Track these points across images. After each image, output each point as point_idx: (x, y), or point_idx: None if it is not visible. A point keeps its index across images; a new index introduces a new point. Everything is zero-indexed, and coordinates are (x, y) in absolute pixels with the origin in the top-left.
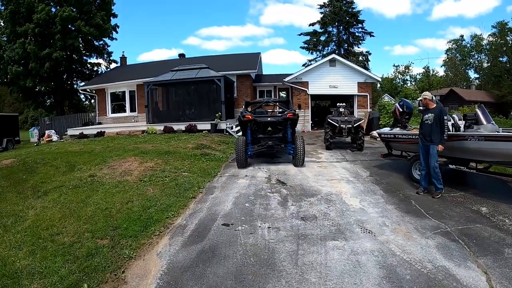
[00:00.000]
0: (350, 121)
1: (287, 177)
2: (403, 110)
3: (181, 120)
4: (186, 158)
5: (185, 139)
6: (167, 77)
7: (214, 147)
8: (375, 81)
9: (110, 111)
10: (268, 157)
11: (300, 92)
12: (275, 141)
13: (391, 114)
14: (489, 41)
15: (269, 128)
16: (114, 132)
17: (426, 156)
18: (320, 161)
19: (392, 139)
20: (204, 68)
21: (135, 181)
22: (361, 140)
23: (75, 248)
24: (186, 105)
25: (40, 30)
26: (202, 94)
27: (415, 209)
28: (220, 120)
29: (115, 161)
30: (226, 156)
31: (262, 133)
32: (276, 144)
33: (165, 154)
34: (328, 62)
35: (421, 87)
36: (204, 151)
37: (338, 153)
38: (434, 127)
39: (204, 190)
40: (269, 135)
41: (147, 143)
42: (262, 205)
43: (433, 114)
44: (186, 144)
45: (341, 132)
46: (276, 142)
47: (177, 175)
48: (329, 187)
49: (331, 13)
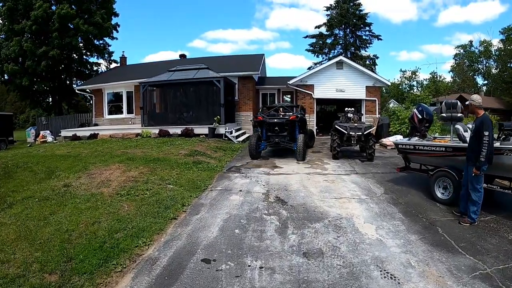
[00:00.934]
0: (360, 128)
1: (288, 194)
2: (422, 117)
3: (178, 124)
4: (175, 167)
5: (178, 144)
6: (163, 77)
7: (209, 154)
8: (384, 85)
9: (107, 113)
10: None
11: (305, 96)
12: (281, 138)
13: (406, 120)
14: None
15: (276, 127)
16: (107, 135)
17: (466, 174)
18: (326, 173)
19: (411, 150)
20: (203, 68)
21: (111, 195)
22: (372, 150)
23: (16, 285)
24: (184, 107)
25: (37, 27)
26: (201, 96)
27: (443, 240)
28: (218, 124)
29: (97, 168)
30: (221, 165)
31: (271, 132)
32: (281, 141)
33: (153, 162)
34: (335, 64)
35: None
36: (197, 159)
37: (346, 163)
38: (472, 143)
39: (188, 208)
40: (276, 133)
41: (138, 148)
42: (255, 233)
43: (474, 125)
44: (179, 150)
45: (350, 140)
46: (281, 139)
47: (161, 188)
48: (337, 208)
49: (338, 15)
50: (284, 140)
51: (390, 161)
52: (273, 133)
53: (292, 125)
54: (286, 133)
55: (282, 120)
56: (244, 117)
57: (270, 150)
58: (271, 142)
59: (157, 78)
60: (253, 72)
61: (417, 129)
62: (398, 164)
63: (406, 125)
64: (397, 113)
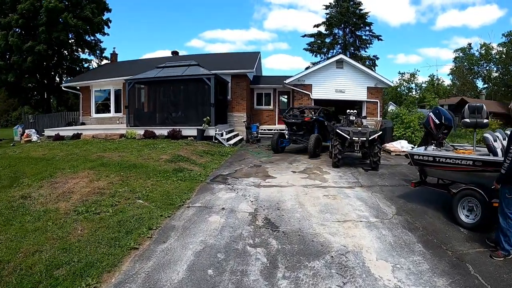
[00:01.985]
0: (365, 133)
1: (281, 214)
2: (440, 122)
3: (166, 124)
4: (152, 176)
5: (161, 148)
6: (151, 74)
7: (194, 160)
8: (386, 86)
9: (95, 111)
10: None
11: (302, 96)
12: (298, 137)
13: (411, 125)
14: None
15: (294, 127)
16: (90, 135)
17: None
18: (326, 186)
19: (430, 162)
20: (193, 65)
21: (67, 211)
22: (377, 157)
23: None
24: (171, 107)
25: (24, 21)
26: (190, 94)
27: (478, 285)
28: (208, 126)
29: (64, 175)
30: (206, 174)
31: (291, 131)
32: (298, 139)
33: (129, 168)
34: (334, 63)
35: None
36: (179, 166)
37: (349, 172)
38: None
39: (156, 233)
40: (294, 132)
41: (117, 151)
42: (234, 275)
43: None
44: (161, 154)
45: (353, 146)
46: (298, 137)
47: (129, 203)
48: (342, 237)
49: (337, 13)
50: (300, 139)
51: (397, 171)
52: (292, 132)
53: (308, 125)
54: (302, 132)
55: (298, 121)
56: (237, 118)
57: (266, 157)
58: (290, 139)
59: (144, 75)
60: (247, 70)
61: (434, 136)
62: (406, 174)
63: (411, 130)
64: (402, 116)
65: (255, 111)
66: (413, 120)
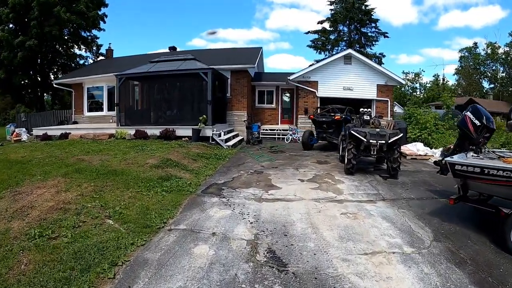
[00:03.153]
0: (384, 135)
1: (290, 242)
2: (481, 123)
3: (159, 123)
4: (132, 185)
5: (150, 150)
6: (143, 69)
7: (185, 165)
8: (397, 84)
9: (87, 109)
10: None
11: (307, 94)
12: (327, 135)
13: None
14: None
15: (324, 125)
16: (79, 135)
17: None
18: (342, 200)
19: (476, 175)
20: (190, 59)
21: (18, 235)
22: (397, 164)
23: None
24: (165, 104)
25: (15, 16)
26: (185, 91)
27: None
28: (204, 125)
29: (32, 183)
30: (198, 182)
31: (321, 129)
32: (328, 137)
33: (107, 176)
34: (342, 58)
35: (431, 96)
36: (167, 172)
37: (365, 181)
38: None
39: (121, 271)
40: (324, 130)
41: (100, 154)
42: None
43: None
44: (148, 158)
45: (369, 150)
46: (328, 135)
47: (95, 224)
48: (374, 280)
49: (342, 9)
50: (330, 136)
51: (419, 179)
52: (322, 130)
53: (337, 124)
54: (332, 130)
55: (329, 119)
56: (237, 117)
57: (268, 161)
58: (320, 137)
59: (136, 70)
60: (248, 65)
61: (473, 141)
62: (430, 183)
63: (428, 131)
64: (417, 116)
65: (257, 109)
66: (429, 121)
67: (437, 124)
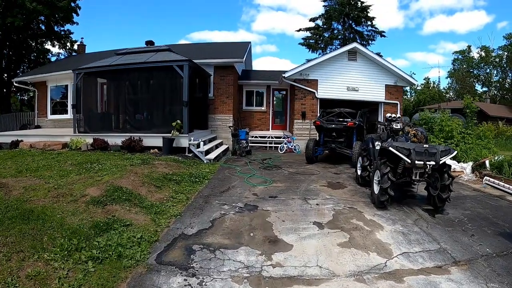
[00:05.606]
0: (434, 153)
1: None
2: None
3: (125, 129)
4: (46, 245)
5: (101, 170)
6: (106, 62)
7: (142, 197)
8: (408, 84)
9: (50, 112)
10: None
11: (305, 95)
12: (337, 144)
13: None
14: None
15: (333, 133)
16: (29, 143)
17: None
18: (398, 272)
19: None
20: (163, 50)
21: None
22: (447, 193)
23: None
24: (131, 106)
25: None
26: (156, 89)
27: None
28: (179, 133)
29: None
30: (154, 235)
31: (328, 137)
32: (338, 147)
33: (14, 222)
34: (346, 53)
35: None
36: (111, 213)
37: (408, 220)
38: None
39: None
40: (333, 139)
41: (34, 174)
42: None
43: None
44: (90, 185)
45: (410, 173)
46: (338, 145)
47: None
48: None
49: (338, 5)
50: (340, 146)
51: (472, 210)
52: (330, 139)
53: (350, 131)
54: (343, 139)
55: (340, 126)
56: (221, 122)
57: (263, 184)
58: (328, 147)
59: (96, 64)
60: (235, 59)
61: None
62: (488, 217)
63: (454, 141)
64: (441, 123)
65: (244, 113)
66: (456, 128)
67: (462, 132)
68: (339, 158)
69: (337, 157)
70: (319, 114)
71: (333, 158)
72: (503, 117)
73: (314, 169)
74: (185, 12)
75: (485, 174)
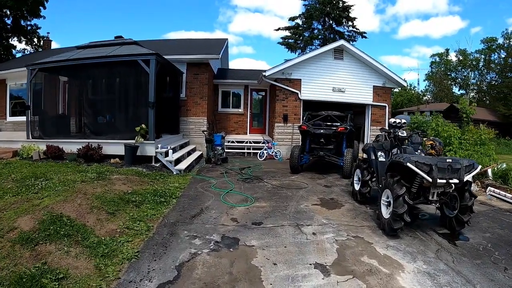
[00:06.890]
0: (458, 169)
1: None
2: None
3: (84, 135)
4: None
5: (44, 189)
6: (63, 56)
7: (89, 229)
8: (397, 86)
9: (9, 113)
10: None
11: (287, 96)
12: (326, 152)
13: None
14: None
15: (321, 139)
16: None
17: None
18: None
19: None
20: (129, 43)
21: None
22: (468, 216)
23: None
24: (91, 108)
25: None
26: (119, 88)
27: None
28: (144, 140)
29: None
30: (99, 285)
31: (316, 144)
32: (327, 155)
33: None
34: (332, 52)
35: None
36: (41, 257)
37: (429, 253)
38: None
39: None
40: (321, 146)
41: None
42: None
43: None
44: (24, 213)
45: (428, 192)
46: (327, 153)
47: None
48: None
49: (319, 4)
50: (330, 154)
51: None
52: (317, 145)
53: (340, 137)
54: (332, 146)
55: (329, 131)
56: (194, 125)
57: (244, 204)
58: (315, 155)
59: (53, 58)
60: (210, 56)
61: None
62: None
63: (453, 148)
64: (437, 128)
65: (220, 115)
66: (454, 135)
67: (459, 138)
68: (326, 166)
69: (323, 165)
70: (305, 117)
71: (320, 166)
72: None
73: (301, 181)
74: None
75: (487, 184)
